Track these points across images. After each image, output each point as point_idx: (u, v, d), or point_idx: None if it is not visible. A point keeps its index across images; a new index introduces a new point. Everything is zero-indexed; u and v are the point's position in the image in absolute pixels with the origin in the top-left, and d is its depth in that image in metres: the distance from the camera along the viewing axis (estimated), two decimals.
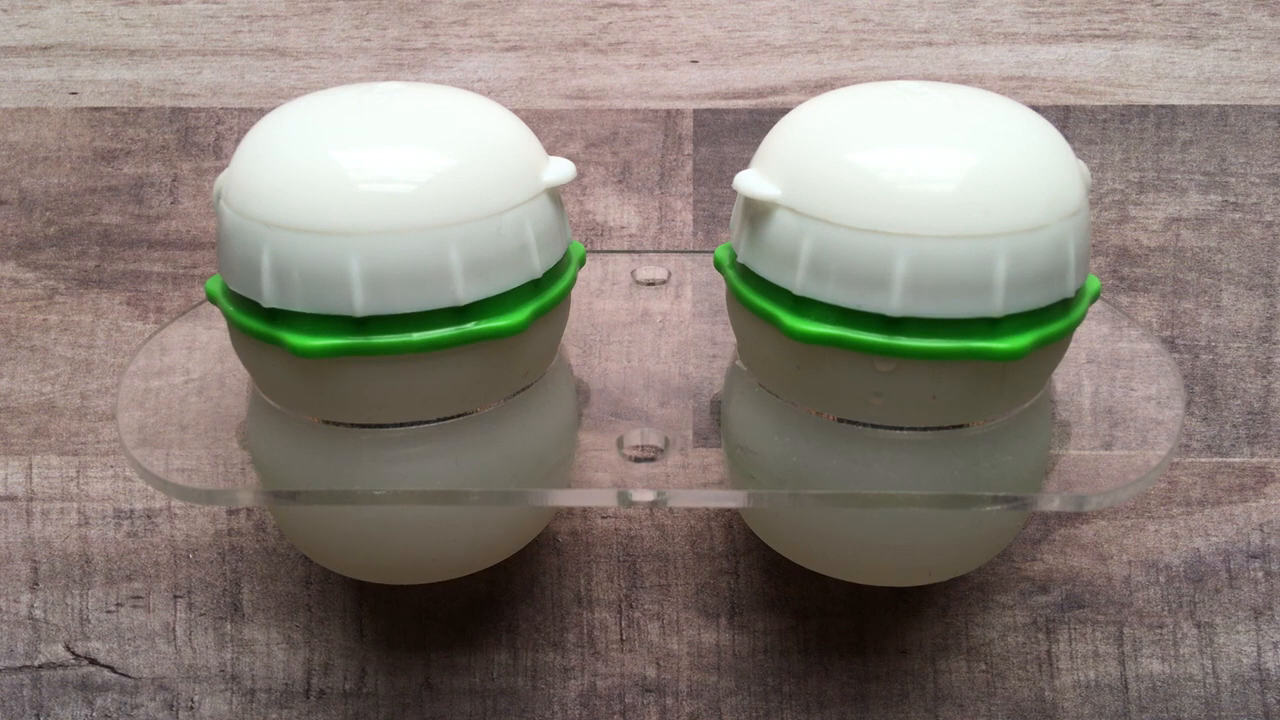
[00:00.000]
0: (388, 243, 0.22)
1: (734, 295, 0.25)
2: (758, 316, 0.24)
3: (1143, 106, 0.32)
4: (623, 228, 0.32)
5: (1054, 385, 0.27)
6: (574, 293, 0.27)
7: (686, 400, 0.30)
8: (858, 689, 0.31)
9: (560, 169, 0.25)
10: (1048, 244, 0.22)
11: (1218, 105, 0.32)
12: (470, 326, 0.23)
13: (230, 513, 0.31)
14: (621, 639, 0.31)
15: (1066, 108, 0.32)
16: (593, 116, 0.33)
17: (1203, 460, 0.31)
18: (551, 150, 0.32)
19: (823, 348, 0.23)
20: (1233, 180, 0.32)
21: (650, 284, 0.31)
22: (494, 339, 0.23)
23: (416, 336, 0.22)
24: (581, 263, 0.26)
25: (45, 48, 0.33)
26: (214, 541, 0.31)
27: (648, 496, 0.25)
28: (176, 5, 0.33)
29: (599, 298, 0.31)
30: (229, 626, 0.31)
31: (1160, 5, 0.33)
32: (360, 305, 0.22)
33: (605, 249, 0.32)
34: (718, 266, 0.26)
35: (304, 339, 0.22)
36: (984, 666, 0.31)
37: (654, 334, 0.31)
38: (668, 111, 0.33)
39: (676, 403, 0.30)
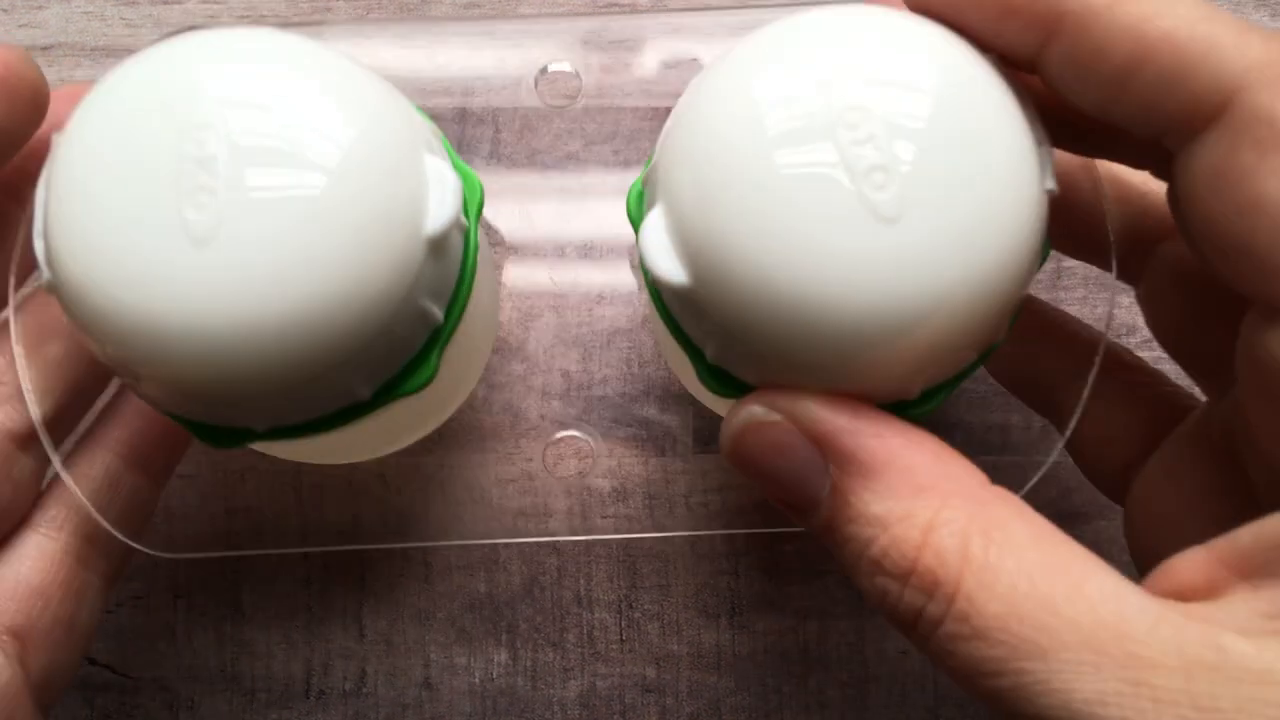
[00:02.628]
0: (281, 389, 0.20)
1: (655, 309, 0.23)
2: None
3: None
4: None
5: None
6: (575, 296, 0.26)
7: (686, 406, 0.30)
8: (858, 689, 0.31)
9: (443, 204, 0.20)
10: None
11: None
12: (379, 402, 0.22)
13: (230, 513, 0.31)
14: (621, 639, 0.31)
15: None
16: (593, 116, 0.33)
17: None
18: (552, 150, 0.32)
19: None
20: None
21: None
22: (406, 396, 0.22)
23: (323, 430, 0.22)
24: (480, 201, 0.23)
25: (45, 48, 0.33)
26: (214, 542, 0.31)
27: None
28: (176, 5, 0.33)
29: (599, 302, 0.31)
30: (229, 626, 0.31)
31: None
32: (263, 429, 0.21)
33: (605, 249, 0.32)
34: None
35: (212, 439, 0.22)
36: None
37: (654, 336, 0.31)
38: (668, 111, 0.33)
39: (676, 407, 0.30)
